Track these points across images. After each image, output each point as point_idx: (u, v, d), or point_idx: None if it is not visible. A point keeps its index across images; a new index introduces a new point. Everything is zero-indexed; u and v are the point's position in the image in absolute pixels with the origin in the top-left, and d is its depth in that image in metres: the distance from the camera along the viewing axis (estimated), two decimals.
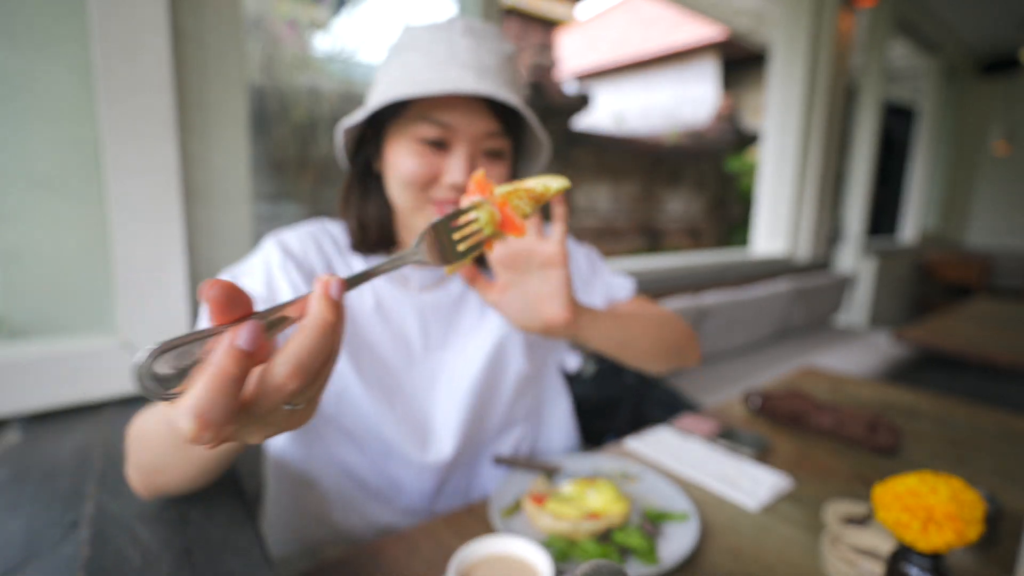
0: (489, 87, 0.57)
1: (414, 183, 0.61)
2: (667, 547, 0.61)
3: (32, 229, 0.87)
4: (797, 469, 0.83)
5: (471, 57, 0.59)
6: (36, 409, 0.78)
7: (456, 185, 0.60)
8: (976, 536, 0.43)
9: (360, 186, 0.69)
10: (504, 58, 0.63)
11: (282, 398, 0.27)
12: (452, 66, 0.58)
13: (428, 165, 0.61)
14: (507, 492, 0.71)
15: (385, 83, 0.62)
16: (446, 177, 0.61)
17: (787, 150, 3.14)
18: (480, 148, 0.62)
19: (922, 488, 0.46)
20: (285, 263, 0.64)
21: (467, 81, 0.56)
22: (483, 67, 0.59)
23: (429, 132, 0.60)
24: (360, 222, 0.68)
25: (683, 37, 8.39)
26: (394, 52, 0.63)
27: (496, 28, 0.64)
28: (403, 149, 0.62)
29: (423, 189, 0.62)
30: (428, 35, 0.61)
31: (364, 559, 0.59)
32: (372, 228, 0.68)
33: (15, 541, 0.49)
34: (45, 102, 0.85)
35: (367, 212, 0.68)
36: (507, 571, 0.50)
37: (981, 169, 5.57)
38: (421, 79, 0.58)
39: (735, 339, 2.49)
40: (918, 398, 1.17)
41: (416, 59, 0.60)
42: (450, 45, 0.60)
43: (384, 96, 0.58)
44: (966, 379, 3.77)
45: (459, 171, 0.60)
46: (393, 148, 0.63)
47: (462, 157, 0.60)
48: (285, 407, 0.28)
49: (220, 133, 1.15)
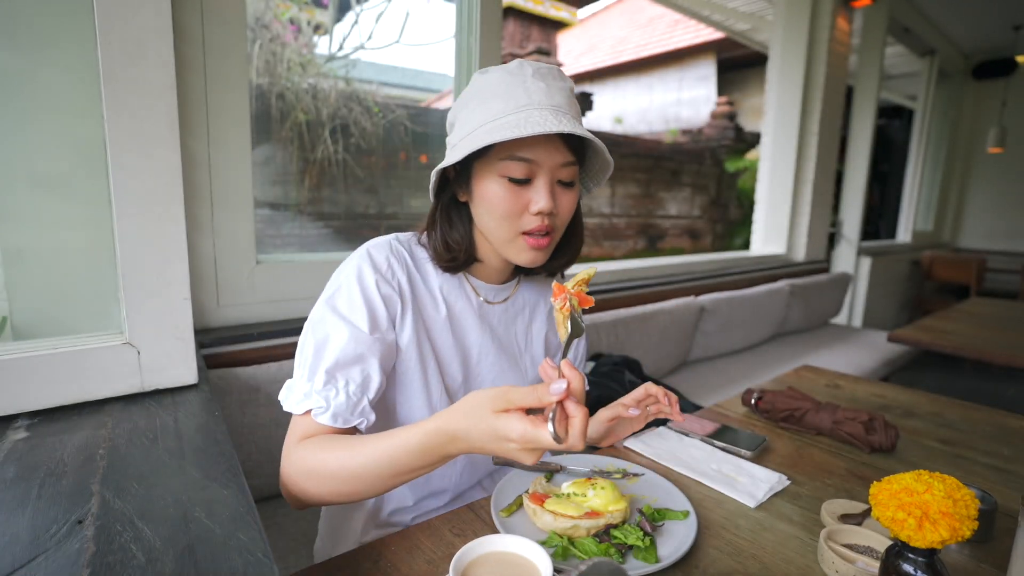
0: (567, 124, 0.64)
1: (508, 216, 0.70)
2: (666, 545, 0.62)
3: (36, 229, 0.88)
4: (794, 468, 0.84)
5: (545, 98, 0.67)
6: (41, 407, 0.78)
7: (542, 211, 0.68)
8: (970, 533, 0.44)
9: (446, 214, 0.76)
10: (568, 93, 0.71)
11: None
12: (531, 108, 0.66)
13: (518, 200, 0.69)
14: (507, 491, 0.72)
15: (472, 127, 0.69)
16: (533, 206, 0.69)
17: (785, 151, 3.15)
18: (556, 178, 0.70)
19: (918, 486, 0.46)
20: (378, 283, 0.71)
21: (549, 121, 0.64)
22: (556, 106, 0.67)
23: (516, 170, 0.68)
24: (446, 244, 0.75)
25: (682, 38, 8.40)
26: (475, 99, 0.70)
27: (556, 67, 0.72)
28: (494, 185, 0.69)
29: (515, 220, 0.70)
30: (504, 82, 0.68)
31: (364, 559, 0.60)
32: (457, 250, 0.75)
33: (21, 538, 0.50)
34: (49, 103, 0.86)
35: (453, 236, 0.75)
36: (507, 570, 0.51)
37: (976, 170, 5.59)
38: (508, 123, 0.65)
39: (733, 339, 2.50)
40: (914, 397, 1.18)
41: (498, 105, 0.67)
42: (525, 89, 0.67)
43: (480, 140, 0.64)
44: (961, 378, 3.79)
45: (544, 200, 0.68)
46: (482, 184, 0.70)
47: (544, 188, 0.69)
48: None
49: (222, 134, 1.16)
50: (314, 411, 0.63)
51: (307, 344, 0.67)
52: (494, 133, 0.64)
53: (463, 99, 0.72)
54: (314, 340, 0.66)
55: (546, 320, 0.88)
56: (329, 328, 0.66)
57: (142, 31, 0.79)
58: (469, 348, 0.79)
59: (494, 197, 0.69)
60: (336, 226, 2.32)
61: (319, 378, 0.64)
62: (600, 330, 1.85)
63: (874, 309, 4.17)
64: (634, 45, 9.16)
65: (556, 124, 0.63)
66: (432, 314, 0.76)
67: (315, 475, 0.61)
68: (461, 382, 0.79)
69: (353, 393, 0.65)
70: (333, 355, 0.65)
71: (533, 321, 0.86)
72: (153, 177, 0.82)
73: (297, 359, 0.68)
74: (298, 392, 0.65)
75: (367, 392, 0.66)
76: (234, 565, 0.47)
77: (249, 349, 1.19)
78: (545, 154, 0.67)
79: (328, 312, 0.67)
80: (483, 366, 0.81)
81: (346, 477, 0.60)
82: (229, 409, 1.10)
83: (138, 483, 0.60)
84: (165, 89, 0.82)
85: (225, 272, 1.20)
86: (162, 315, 0.86)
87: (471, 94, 0.71)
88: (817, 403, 0.99)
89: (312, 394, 0.63)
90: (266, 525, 1.09)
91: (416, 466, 0.58)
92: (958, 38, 4.67)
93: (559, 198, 0.70)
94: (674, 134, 7.13)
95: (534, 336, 0.86)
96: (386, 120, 2.33)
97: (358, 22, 2.29)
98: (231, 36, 1.14)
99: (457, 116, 0.73)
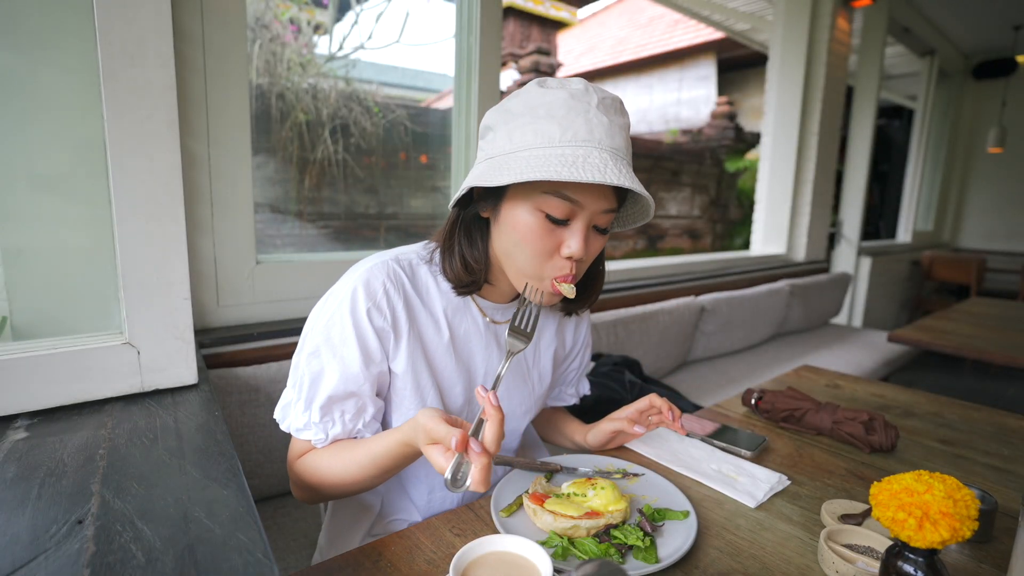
0: (626, 177, 0.60)
1: (538, 254, 0.66)
2: (666, 545, 0.62)
3: (36, 229, 0.88)
4: (794, 468, 0.84)
5: (606, 136, 0.62)
6: (41, 407, 0.78)
7: (573, 256, 0.65)
8: (970, 533, 0.44)
9: (466, 230, 0.72)
10: (627, 132, 0.66)
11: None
12: (591, 147, 0.61)
13: (552, 238, 0.65)
14: (507, 491, 0.72)
15: (519, 146, 0.63)
16: (565, 249, 0.65)
17: (785, 151, 3.15)
18: (593, 223, 0.66)
19: (918, 486, 0.46)
20: (371, 313, 0.68)
21: (609, 169, 0.59)
22: (616, 149, 0.62)
23: (558, 209, 0.63)
24: (465, 265, 0.71)
25: (682, 38, 8.40)
26: (527, 114, 0.64)
27: (619, 100, 0.66)
28: (529, 217, 0.65)
29: (543, 259, 0.66)
30: (565, 105, 0.62)
31: (364, 559, 0.60)
32: (477, 271, 0.72)
33: (21, 538, 0.50)
34: (49, 103, 0.86)
35: (473, 255, 0.72)
36: (507, 570, 0.51)
37: (976, 170, 5.59)
38: (564, 157, 0.60)
39: (733, 339, 2.50)
40: (914, 397, 1.18)
41: (554, 131, 0.61)
42: (587, 121, 0.61)
43: (532, 170, 0.59)
44: (961, 378, 3.79)
45: (577, 245, 0.64)
46: (516, 211, 0.66)
47: (580, 232, 0.65)
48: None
49: (222, 134, 1.16)
50: (314, 441, 0.70)
51: (302, 370, 0.69)
52: (548, 165, 0.59)
53: (511, 107, 0.66)
54: (309, 371, 0.68)
55: (554, 335, 0.86)
56: (324, 362, 0.68)
57: (142, 31, 0.79)
58: (475, 370, 0.78)
59: (526, 230, 0.65)
60: (336, 226, 2.32)
61: (315, 412, 0.68)
62: (600, 330, 1.85)
63: (874, 309, 4.17)
64: (634, 45, 9.16)
65: (616, 175, 0.59)
66: (434, 338, 0.73)
67: (316, 484, 0.71)
68: (463, 403, 0.78)
69: (349, 421, 0.69)
70: (327, 391, 0.67)
71: (541, 337, 0.85)
72: (153, 177, 0.82)
73: (292, 377, 0.70)
74: (296, 419, 0.69)
75: (362, 417, 0.70)
76: (234, 565, 0.47)
77: (249, 349, 1.19)
78: (591, 199, 0.63)
79: (323, 343, 0.68)
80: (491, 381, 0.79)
81: (340, 483, 0.69)
82: (229, 409, 1.10)
83: (138, 483, 0.60)
84: (165, 89, 0.82)
85: (225, 272, 1.20)
86: (162, 315, 0.86)
87: (523, 106, 0.64)
88: (817, 403, 0.99)
89: (311, 426, 0.68)
90: (266, 525, 1.09)
91: (394, 466, 0.66)
92: (958, 38, 4.67)
93: (591, 243, 0.67)
94: (674, 134, 7.13)
95: (542, 352, 0.85)
96: (386, 120, 2.33)
97: (358, 22, 2.29)
98: (231, 36, 1.14)
99: (499, 123, 0.66)
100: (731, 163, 6.80)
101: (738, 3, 3.96)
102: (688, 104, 8.58)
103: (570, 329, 0.90)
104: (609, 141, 0.62)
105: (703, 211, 6.82)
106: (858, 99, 3.79)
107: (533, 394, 0.84)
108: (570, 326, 0.90)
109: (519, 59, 5.38)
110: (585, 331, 0.93)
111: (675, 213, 6.56)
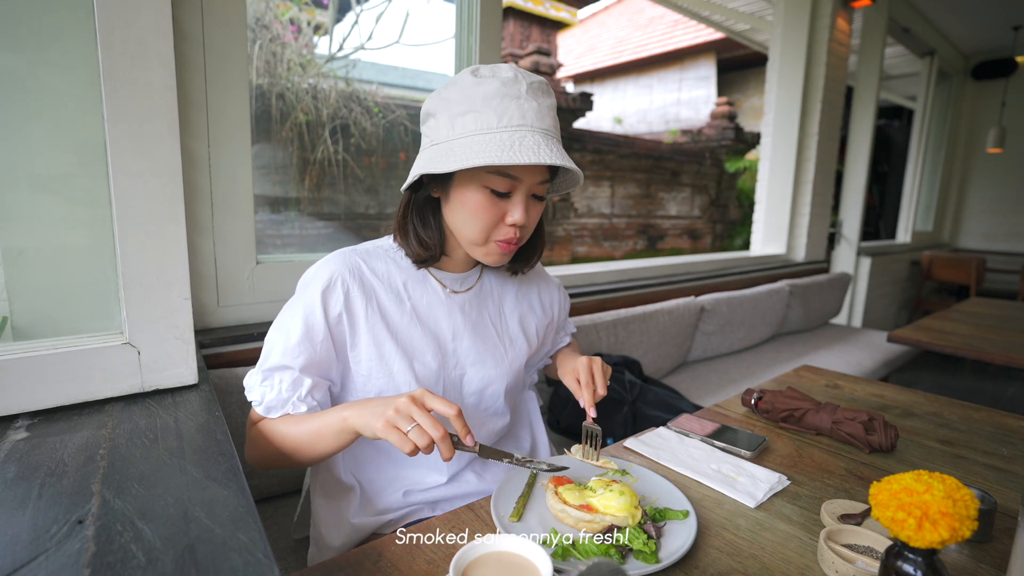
0: (557, 155, 0.69)
1: (486, 224, 0.76)
2: (666, 545, 0.62)
3: (37, 229, 0.88)
4: (794, 468, 0.84)
5: (537, 119, 0.71)
6: (41, 407, 0.78)
7: (517, 223, 0.75)
8: (970, 533, 0.44)
9: (419, 211, 0.81)
10: (554, 111, 0.75)
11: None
12: (525, 129, 0.70)
13: (497, 210, 0.75)
14: (507, 491, 0.72)
15: (461, 132, 0.71)
16: (509, 218, 0.75)
17: (785, 151, 3.15)
18: (531, 192, 0.76)
19: (917, 486, 0.46)
20: (324, 294, 0.76)
21: (542, 149, 0.69)
22: (547, 129, 0.72)
23: (500, 184, 0.73)
24: (421, 242, 0.81)
25: (682, 38, 8.40)
26: (464, 102, 0.71)
27: (544, 81, 0.75)
28: (476, 194, 0.74)
29: (491, 228, 0.76)
30: (498, 94, 0.70)
31: (364, 559, 0.60)
32: (432, 245, 0.81)
33: (21, 538, 0.50)
34: (49, 103, 0.86)
35: (427, 233, 0.81)
36: (507, 570, 0.51)
37: (975, 170, 5.59)
38: (503, 141, 0.69)
39: (733, 339, 2.50)
40: (914, 397, 1.18)
41: (491, 118, 0.70)
42: (520, 107, 0.70)
43: (477, 156, 0.68)
44: (961, 378, 3.79)
45: (519, 213, 0.75)
46: (464, 190, 0.75)
47: (521, 202, 0.75)
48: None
49: (223, 134, 1.16)
50: (252, 402, 0.77)
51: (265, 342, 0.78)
52: (490, 150, 0.68)
53: (450, 96, 0.73)
54: (267, 341, 0.77)
55: (515, 304, 0.94)
56: (274, 335, 0.76)
57: (143, 32, 0.79)
58: (442, 336, 0.84)
59: (474, 205, 0.74)
60: (336, 226, 2.32)
61: (258, 375, 0.75)
62: (600, 330, 1.85)
63: (874, 309, 4.17)
64: (634, 45, 9.17)
65: (548, 154, 0.68)
66: (395, 311, 0.80)
67: (262, 447, 0.77)
68: (436, 368, 0.82)
69: (284, 391, 0.74)
70: (269, 359, 0.75)
71: (503, 304, 0.92)
72: (153, 177, 0.82)
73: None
74: (248, 379, 0.77)
75: (298, 391, 0.75)
76: (234, 565, 0.47)
77: (249, 349, 1.19)
78: (529, 174, 0.73)
79: (278, 318, 0.78)
80: (460, 350, 0.85)
81: (280, 448, 0.75)
82: (229, 409, 1.10)
83: (138, 483, 0.60)
84: (165, 89, 0.82)
85: (225, 272, 1.20)
86: (162, 315, 0.86)
87: (460, 95, 0.72)
88: (817, 403, 0.99)
89: (254, 388, 0.76)
90: (266, 525, 1.09)
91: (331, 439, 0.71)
92: (957, 38, 4.67)
93: (531, 210, 0.77)
94: (674, 134, 7.14)
95: (507, 318, 0.92)
96: (386, 120, 2.33)
97: (358, 22, 2.29)
98: (231, 37, 1.14)
99: (440, 111, 0.74)
100: (731, 163, 6.80)
101: (738, 3, 3.96)
102: (688, 104, 8.59)
103: (535, 296, 0.98)
104: (540, 123, 0.71)
105: (703, 211, 6.82)
106: (858, 99, 3.80)
107: (505, 358, 0.89)
108: (534, 293, 0.98)
109: (519, 59, 5.38)
110: (556, 297, 1.02)
111: (675, 213, 6.56)
